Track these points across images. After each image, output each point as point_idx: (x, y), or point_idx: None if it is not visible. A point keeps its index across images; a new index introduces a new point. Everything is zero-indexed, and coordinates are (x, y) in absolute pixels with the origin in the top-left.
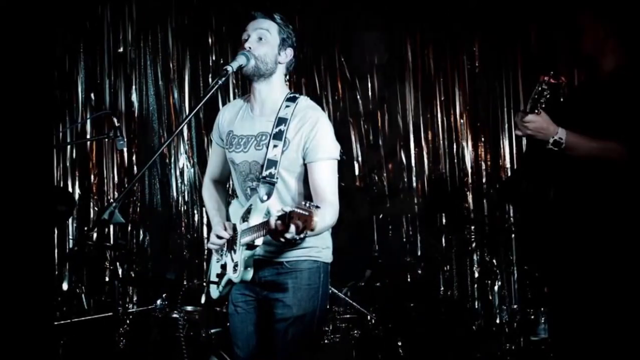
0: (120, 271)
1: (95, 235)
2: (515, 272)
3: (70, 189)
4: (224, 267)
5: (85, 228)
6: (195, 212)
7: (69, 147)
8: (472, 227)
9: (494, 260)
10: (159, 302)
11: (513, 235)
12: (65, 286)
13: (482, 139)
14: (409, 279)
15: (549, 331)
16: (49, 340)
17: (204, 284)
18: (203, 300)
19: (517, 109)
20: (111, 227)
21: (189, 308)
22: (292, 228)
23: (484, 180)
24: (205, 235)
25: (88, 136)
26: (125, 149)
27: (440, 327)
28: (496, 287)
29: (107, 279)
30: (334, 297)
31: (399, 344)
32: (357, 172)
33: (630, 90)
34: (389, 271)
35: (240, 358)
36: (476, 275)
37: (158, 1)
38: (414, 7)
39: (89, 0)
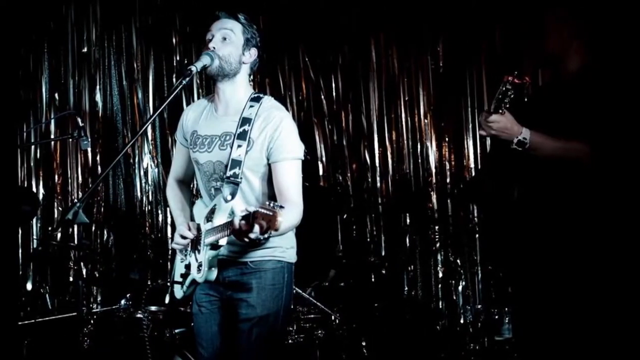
0: (84, 271)
1: (59, 235)
2: (479, 272)
3: (34, 189)
4: (188, 267)
5: (50, 228)
6: (160, 212)
7: (33, 147)
8: (436, 227)
9: (458, 260)
10: (123, 302)
11: (477, 235)
12: (29, 286)
13: (446, 139)
14: (373, 279)
15: (512, 331)
16: (12, 341)
17: (168, 284)
18: (167, 300)
19: (482, 109)
20: (75, 227)
21: (153, 308)
22: (256, 228)
23: (448, 180)
24: (169, 235)
25: (52, 136)
26: (89, 149)
27: (405, 327)
28: (460, 287)
29: (71, 279)
30: (298, 297)
31: (363, 344)
32: (321, 172)
33: (595, 91)
34: (353, 271)
35: (204, 358)
36: (440, 275)
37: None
38: (377, 7)
39: (53, 0)
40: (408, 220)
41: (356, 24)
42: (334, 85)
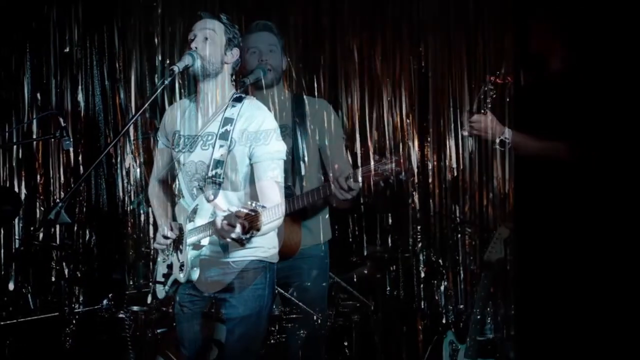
0: (66, 271)
1: (41, 235)
2: (461, 272)
3: (16, 189)
4: (170, 267)
5: (32, 228)
6: (142, 212)
7: (15, 147)
8: (419, 227)
9: (440, 260)
10: (105, 302)
11: (459, 235)
12: (11, 286)
13: (429, 139)
14: (355, 279)
15: (493, 330)
16: None
17: (150, 284)
18: (149, 300)
19: (464, 108)
20: (57, 227)
21: (135, 308)
22: (238, 228)
23: (430, 180)
24: (151, 235)
25: (34, 136)
26: (71, 149)
27: (386, 327)
28: (442, 287)
29: (53, 279)
30: (280, 296)
31: (345, 344)
32: (303, 172)
33: (578, 91)
34: (334, 271)
35: (187, 358)
36: (422, 275)
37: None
38: (360, 7)
39: (35, 0)
40: (390, 220)
41: (339, 24)
42: (316, 85)
